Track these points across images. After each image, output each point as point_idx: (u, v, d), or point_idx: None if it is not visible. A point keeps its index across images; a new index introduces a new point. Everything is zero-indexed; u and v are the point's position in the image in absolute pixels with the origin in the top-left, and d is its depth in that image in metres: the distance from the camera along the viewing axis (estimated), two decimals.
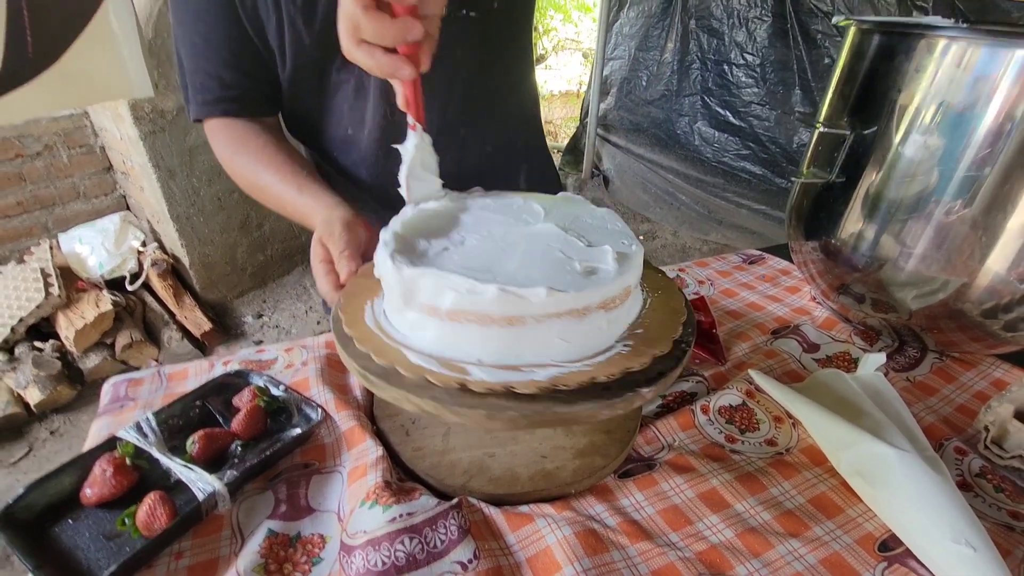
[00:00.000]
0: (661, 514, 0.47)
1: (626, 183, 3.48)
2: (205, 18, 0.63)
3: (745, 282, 0.85)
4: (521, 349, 0.41)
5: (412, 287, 0.41)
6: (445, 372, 0.39)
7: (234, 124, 0.70)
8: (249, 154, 0.68)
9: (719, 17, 2.71)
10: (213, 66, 0.66)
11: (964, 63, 0.51)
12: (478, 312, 0.39)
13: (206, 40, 0.65)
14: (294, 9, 0.61)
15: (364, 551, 0.41)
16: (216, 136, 0.71)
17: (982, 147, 0.52)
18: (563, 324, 0.40)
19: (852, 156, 0.62)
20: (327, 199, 0.62)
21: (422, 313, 0.41)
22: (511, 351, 0.40)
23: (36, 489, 0.45)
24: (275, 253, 2.56)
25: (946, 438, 0.55)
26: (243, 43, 0.65)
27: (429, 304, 0.41)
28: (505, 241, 0.45)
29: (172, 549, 0.43)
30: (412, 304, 0.42)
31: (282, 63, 0.66)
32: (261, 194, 0.69)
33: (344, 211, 0.59)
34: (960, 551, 0.40)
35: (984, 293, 0.57)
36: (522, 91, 0.81)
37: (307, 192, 0.64)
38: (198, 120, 0.70)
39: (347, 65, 0.66)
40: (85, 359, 1.88)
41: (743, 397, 0.59)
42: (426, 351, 0.41)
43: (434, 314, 0.41)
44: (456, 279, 0.39)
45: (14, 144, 2.00)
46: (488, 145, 0.76)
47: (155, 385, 0.61)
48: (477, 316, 0.39)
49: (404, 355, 0.41)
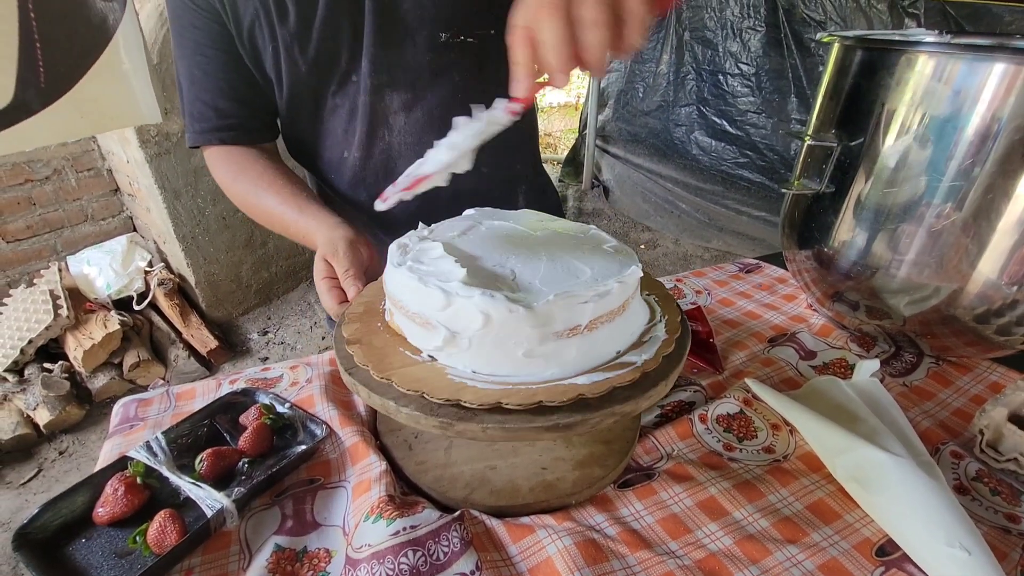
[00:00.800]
0: (660, 523, 0.48)
1: (626, 193, 3.51)
2: (204, 51, 0.66)
3: (742, 291, 0.86)
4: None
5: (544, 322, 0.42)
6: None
7: (232, 151, 0.72)
8: (249, 179, 0.70)
9: (713, 28, 2.76)
10: (211, 96, 0.68)
11: (944, 77, 0.53)
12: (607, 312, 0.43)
13: (204, 72, 0.67)
14: (289, 37, 0.63)
15: (369, 564, 0.42)
16: (215, 163, 0.73)
17: (966, 156, 0.53)
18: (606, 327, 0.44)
19: (840, 167, 0.63)
20: (328, 219, 0.63)
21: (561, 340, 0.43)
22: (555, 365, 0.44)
23: (50, 509, 0.46)
24: (279, 270, 2.59)
25: (942, 442, 0.56)
26: (240, 73, 0.67)
27: (568, 328, 0.43)
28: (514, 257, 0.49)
29: (182, 566, 0.44)
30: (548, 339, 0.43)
31: (279, 90, 0.69)
32: (263, 216, 0.71)
33: (346, 231, 0.61)
34: (955, 554, 0.41)
35: (976, 299, 0.58)
36: (522, 116, 0.82)
37: (308, 213, 0.65)
38: (194, 147, 0.73)
39: (341, 89, 0.68)
40: (93, 379, 1.91)
41: (740, 405, 0.60)
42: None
43: (575, 334, 0.43)
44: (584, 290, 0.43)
45: (24, 169, 2.05)
46: (484, 168, 0.77)
47: (164, 405, 0.63)
48: (607, 315, 0.43)
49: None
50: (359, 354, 0.46)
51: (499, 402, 0.40)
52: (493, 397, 0.40)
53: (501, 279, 0.45)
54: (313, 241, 0.64)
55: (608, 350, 0.45)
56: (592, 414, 0.41)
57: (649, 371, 0.44)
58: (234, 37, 0.65)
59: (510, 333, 0.42)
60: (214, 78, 0.67)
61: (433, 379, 0.42)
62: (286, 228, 0.69)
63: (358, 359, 0.45)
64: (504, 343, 0.42)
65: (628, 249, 0.51)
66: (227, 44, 0.65)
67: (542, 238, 0.52)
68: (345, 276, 0.56)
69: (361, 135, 0.71)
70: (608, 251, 0.50)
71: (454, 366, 0.44)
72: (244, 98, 0.69)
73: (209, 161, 0.74)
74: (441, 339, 0.43)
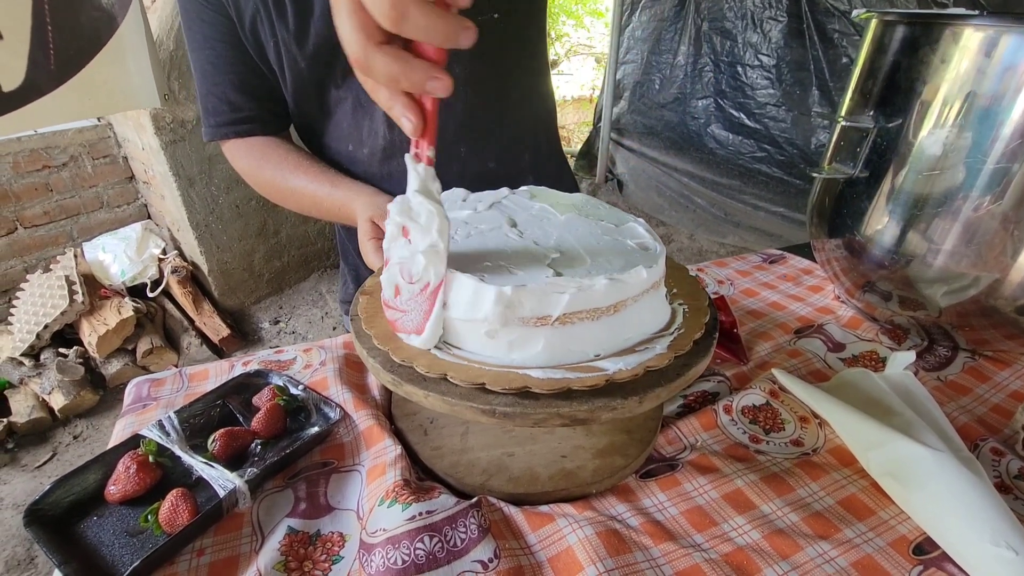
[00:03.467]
0: (685, 515, 0.46)
1: (640, 187, 3.47)
2: (213, 44, 0.65)
3: (766, 282, 0.84)
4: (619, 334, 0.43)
5: (514, 305, 0.39)
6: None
7: (251, 141, 0.72)
8: (273, 164, 0.70)
9: (732, 19, 2.70)
10: (222, 89, 0.68)
11: (992, 52, 0.50)
12: (589, 308, 0.40)
13: (214, 65, 0.67)
14: (287, 34, 0.62)
15: (384, 549, 0.40)
16: (236, 154, 0.73)
17: (1012, 138, 0.51)
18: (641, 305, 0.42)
19: (875, 150, 0.60)
20: (365, 188, 0.65)
21: (527, 327, 0.40)
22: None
23: (61, 486, 0.46)
24: (291, 260, 2.60)
25: (981, 439, 0.53)
26: (249, 66, 0.67)
27: (537, 316, 0.40)
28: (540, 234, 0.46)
29: (194, 546, 0.43)
30: (512, 322, 0.40)
31: (284, 83, 0.68)
32: (293, 198, 0.71)
33: (387, 196, 0.62)
34: (1000, 554, 0.39)
35: (1017, 289, 0.55)
36: (532, 105, 0.78)
37: (341, 186, 0.66)
38: (211, 141, 0.72)
39: (344, 82, 0.67)
40: (107, 365, 1.92)
41: (767, 397, 0.58)
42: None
43: (543, 324, 0.40)
44: (564, 282, 0.39)
45: (41, 155, 2.07)
46: (490, 162, 0.75)
47: (177, 385, 0.62)
48: (589, 312, 0.40)
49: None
50: (372, 329, 0.44)
51: (569, 387, 0.38)
52: (474, 375, 0.39)
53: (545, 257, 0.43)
54: (350, 211, 0.64)
55: (633, 334, 0.44)
56: (623, 400, 0.39)
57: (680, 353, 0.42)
58: (239, 31, 0.64)
59: (475, 311, 0.40)
60: (224, 71, 0.67)
61: (483, 367, 0.41)
62: (319, 205, 0.68)
63: (375, 336, 0.44)
64: (469, 319, 0.41)
65: (658, 246, 0.48)
66: (235, 37, 0.65)
67: (565, 222, 0.51)
68: None
69: (366, 128, 0.69)
70: (632, 245, 0.48)
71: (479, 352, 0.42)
72: (255, 90, 0.69)
73: (229, 154, 0.74)
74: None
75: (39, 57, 1.07)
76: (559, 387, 0.38)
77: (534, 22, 0.73)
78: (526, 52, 0.74)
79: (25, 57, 1.05)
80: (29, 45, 1.05)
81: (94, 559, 0.42)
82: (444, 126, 0.69)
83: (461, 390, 0.39)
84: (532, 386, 0.38)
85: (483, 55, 0.66)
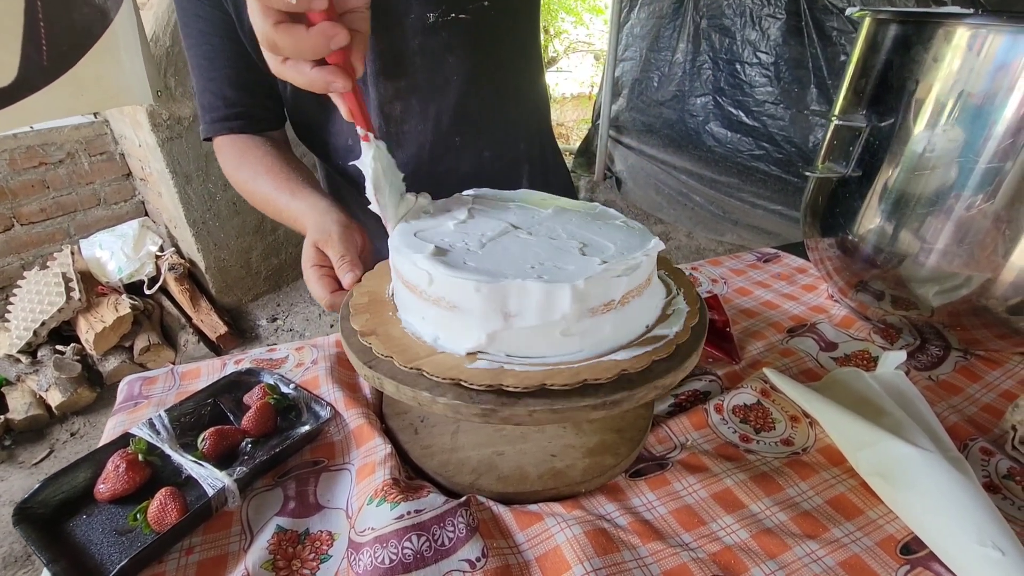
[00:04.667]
0: (673, 514, 0.46)
1: (639, 184, 3.47)
2: (209, 39, 0.65)
3: (760, 280, 0.84)
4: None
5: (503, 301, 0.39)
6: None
7: (238, 139, 0.71)
8: (249, 165, 0.69)
9: (731, 16, 2.69)
10: (218, 85, 0.67)
11: (984, 51, 0.50)
12: (637, 285, 0.41)
13: (210, 60, 0.66)
14: None
15: (372, 548, 0.40)
16: (222, 152, 0.72)
17: (1004, 137, 0.50)
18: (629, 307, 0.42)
19: (868, 149, 0.60)
20: (319, 203, 0.60)
21: (596, 316, 0.41)
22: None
23: (51, 485, 0.46)
24: (289, 257, 2.59)
25: (971, 438, 0.53)
26: (245, 61, 0.66)
27: (603, 303, 0.41)
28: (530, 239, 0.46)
29: (182, 545, 0.43)
30: (584, 315, 0.40)
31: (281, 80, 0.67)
32: (261, 203, 0.69)
33: (338, 215, 0.58)
34: (987, 554, 0.39)
35: (1009, 289, 0.55)
36: (526, 94, 0.78)
37: (299, 197, 0.63)
38: (208, 139, 0.72)
39: None
40: (104, 362, 1.92)
41: (758, 396, 0.58)
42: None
43: (608, 310, 0.41)
44: (617, 264, 0.41)
45: (38, 152, 2.06)
46: (486, 151, 0.74)
47: (168, 384, 0.62)
48: (637, 289, 0.42)
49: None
50: (378, 345, 0.43)
51: (543, 383, 0.38)
52: (536, 379, 0.38)
53: (529, 261, 0.43)
54: (303, 226, 0.60)
55: (639, 325, 0.44)
56: (636, 389, 0.39)
57: (682, 343, 0.43)
58: (236, 26, 0.63)
59: (550, 313, 0.39)
60: (220, 66, 0.66)
61: (468, 366, 0.40)
62: (279, 213, 0.66)
63: (378, 350, 0.42)
64: (544, 324, 0.40)
65: (638, 224, 0.49)
66: (231, 32, 0.64)
67: (553, 215, 0.50)
68: (341, 262, 0.52)
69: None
70: (622, 226, 0.48)
71: (487, 351, 0.42)
72: (250, 86, 0.68)
73: (217, 150, 0.73)
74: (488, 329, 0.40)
75: (31, 53, 1.07)
76: (647, 363, 0.40)
77: (526, 9, 0.73)
78: (518, 41, 0.73)
79: (18, 53, 1.05)
80: (21, 41, 1.05)
81: (83, 557, 0.42)
82: (438, 115, 0.69)
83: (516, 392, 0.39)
84: (628, 368, 0.40)
85: (476, 44, 0.67)
